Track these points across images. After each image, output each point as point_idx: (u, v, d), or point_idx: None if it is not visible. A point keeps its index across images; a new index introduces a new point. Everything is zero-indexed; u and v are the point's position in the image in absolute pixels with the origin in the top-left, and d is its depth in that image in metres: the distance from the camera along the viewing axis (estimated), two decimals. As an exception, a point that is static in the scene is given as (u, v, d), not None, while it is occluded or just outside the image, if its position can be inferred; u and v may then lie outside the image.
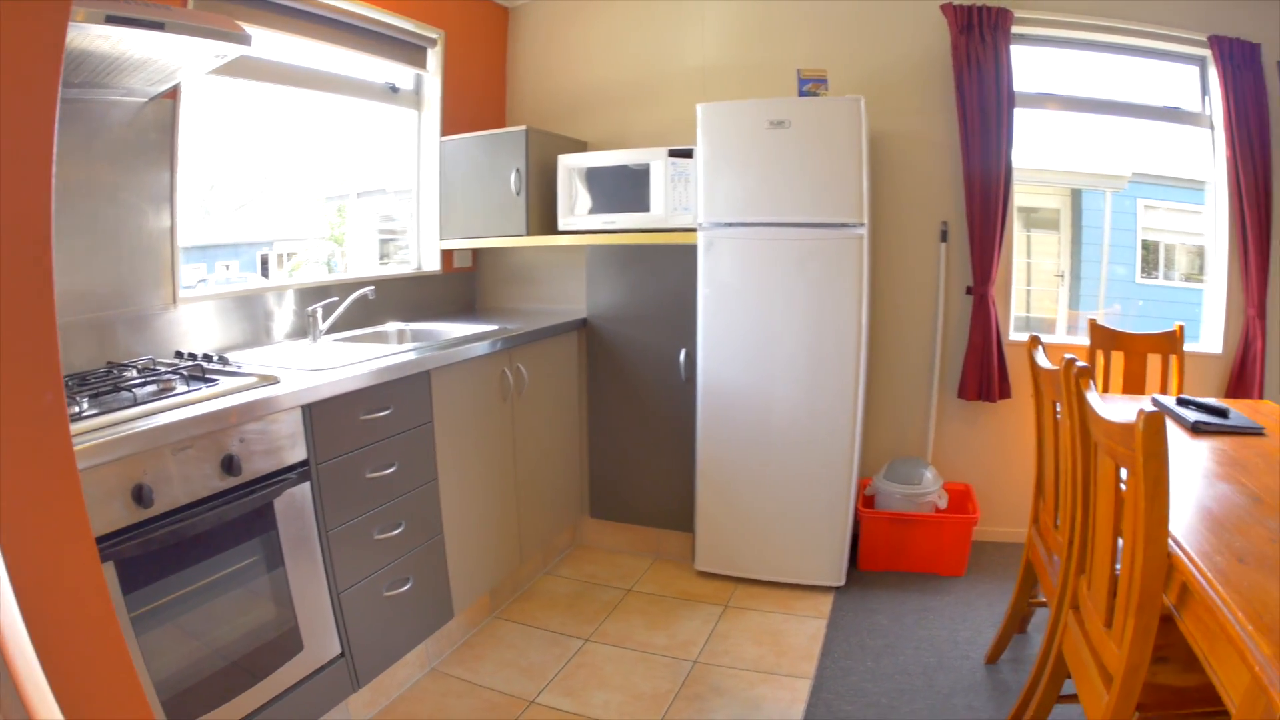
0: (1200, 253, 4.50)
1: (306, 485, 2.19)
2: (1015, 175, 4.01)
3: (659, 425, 3.74)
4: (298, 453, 2.17)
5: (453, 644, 2.99)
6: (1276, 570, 1.62)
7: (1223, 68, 4.05)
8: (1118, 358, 3.75)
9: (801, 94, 3.62)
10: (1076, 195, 4.40)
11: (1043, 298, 4.47)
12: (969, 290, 4.09)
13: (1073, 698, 2.41)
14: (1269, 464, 2.45)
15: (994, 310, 4.00)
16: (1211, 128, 4.31)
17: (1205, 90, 4.32)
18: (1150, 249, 4.61)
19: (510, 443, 3.28)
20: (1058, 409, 2.57)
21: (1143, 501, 1.66)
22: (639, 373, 3.73)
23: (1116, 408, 1.91)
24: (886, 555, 3.78)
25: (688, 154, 3.57)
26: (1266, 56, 4.09)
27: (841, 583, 3.52)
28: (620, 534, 3.90)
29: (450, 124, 4.03)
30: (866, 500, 3.86)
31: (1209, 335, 4.42)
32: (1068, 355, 2.24)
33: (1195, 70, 4.33)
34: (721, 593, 3.48)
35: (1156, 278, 4.75)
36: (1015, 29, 3.91)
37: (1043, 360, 2.70)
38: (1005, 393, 4.10)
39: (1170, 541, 1.71)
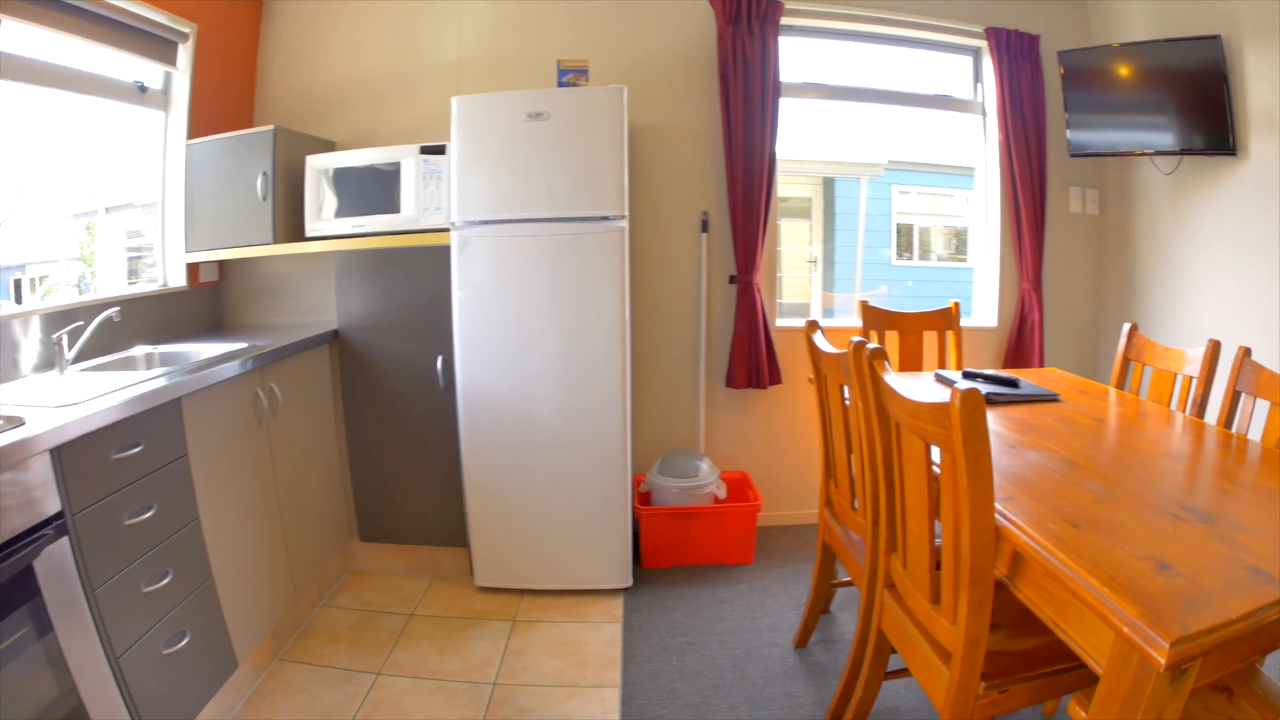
0: (958, 233, 4.75)
1: (65, 540, 2.01)
2: (778, 165, 4.26)
3: (422, 438, 3.74)
4: (52, 504, 1.98)
5: (243, 695, 2.86)
6: (1112, 530, 1.79)
7: (998, 57, 4.53)
8: (892, 337, 4.05)
9: (561, 85, 3.82)
10: (829, 183, 4.62)
11: (796, 284, 4.60)
12: (732, 279, 4.32)
13: (897, 673, 2.61)
14: (1072, 428, 2.78)
15: (759, 298, 4.25)
16: (983, 115, 4.82)
17: (978, 78, 4.83)
18: (904, 232, 4.86)
19: (269, 469, 3.21)
20: (845, 392, 2.65)
21: (965, 478, 1.74)
22: (396, 384, 3.72)
23: (909, 386, 2.03)
24: (670, 551, 3.96)
25: (440, 150, 3.58)
26: (1045, 47, 4.61)
27: (629, 584, 3.63)
28: (393, 555, 3.88)
29: (199, 126, 3.92)
30: (642, 497, 4.04)
31: (983, 310, 4.94)
32: (855, 339, 2.36)
33: (969, 60, 4.83)
34: (507, 607, 3.50)
35: (911, 259, 4.98)
36: (785, 20, 4.14)
37: (824, 344, 2.78)
38: (775, 378, 4.37)
39: (996, 514, 1.83)
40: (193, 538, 2.61)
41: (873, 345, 2.20)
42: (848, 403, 2.66)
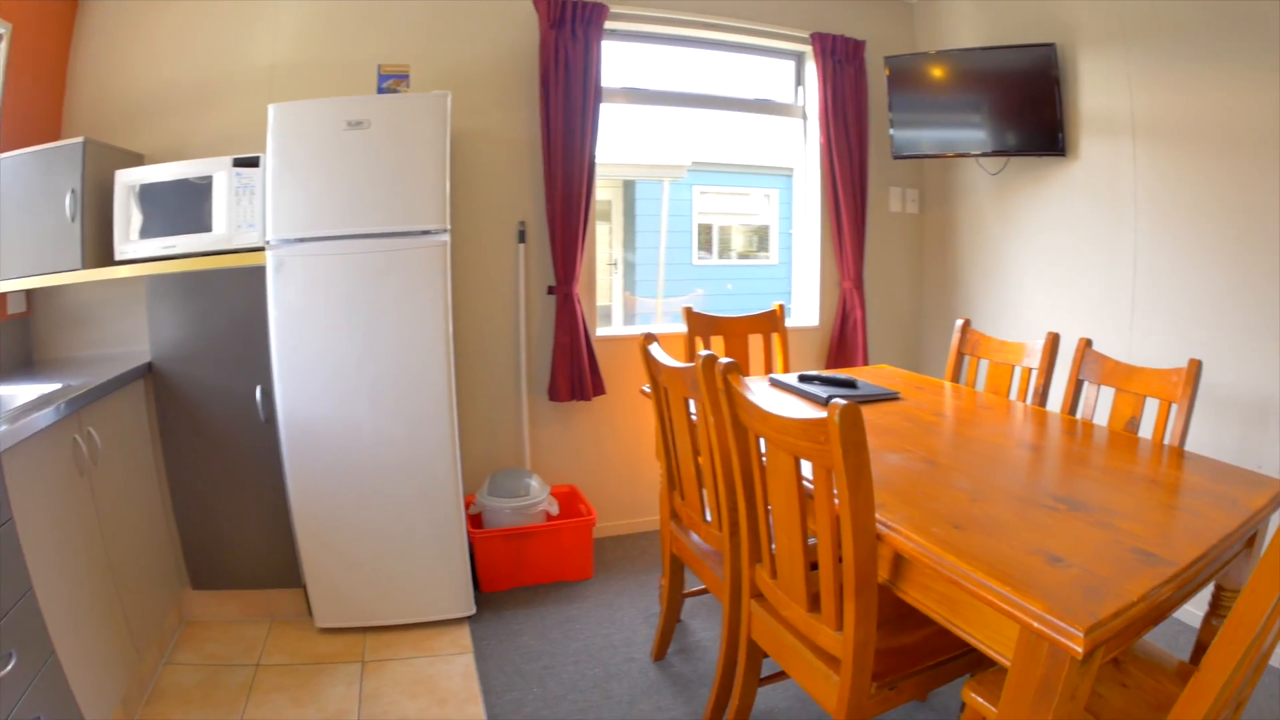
0: (758, 231, 4.94)
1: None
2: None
3: (246, 475, 3.62)
4: None
5: (105, 777, 2.66)
6: (993, 528, 1.96)
7: (823, 62, 4.87)
8: (717, 342, 4.25)
9: (381, 91, 3.82)
10: (629, 186, 4.69)
11: (599, 287, 4.69)
12: (551, 290, 4.45)
13: (771, 678, 2.73)
14: (921, 426, 3.06)
15: (579, 308, 4.40)
16: (804, 118, 5.18)
17: (800, 82, 5.20)
18: (704, 232, 5.02)
19: (96, 523, 3.01)
20: (691, 405, 2.77)
21: (846, 491, 1.84)
22: (216, 418, 3.58)
23: (766, 397, 2.19)
24: (508, 573, 4.08)
25: (254, 163, 3.47)
26: (871, 52, 5.01)
27: (473, 611, 3.69)
28: (229, 602, 3.75)
29: (9, 139, 3.58)
30: (474, 520, 4.12)
31: (804, 310, 5.30)
32: (703, 353, 2.45)
33: (791, 64, 5.18)
34: (353, 648, 3.45)
35: (711, 258, 5.13)
36: (609, 24, 4.29)
37: (664, 357, 2.85)
38: (599, 389, 4.55)
39: (880, 524, 1.96)
40: (29, 611, 2.45)
41: (725, 360, 2.30)
42: (694, 417, 2.76)
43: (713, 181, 5.44)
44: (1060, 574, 1.66)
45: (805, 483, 2.10)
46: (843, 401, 1.77)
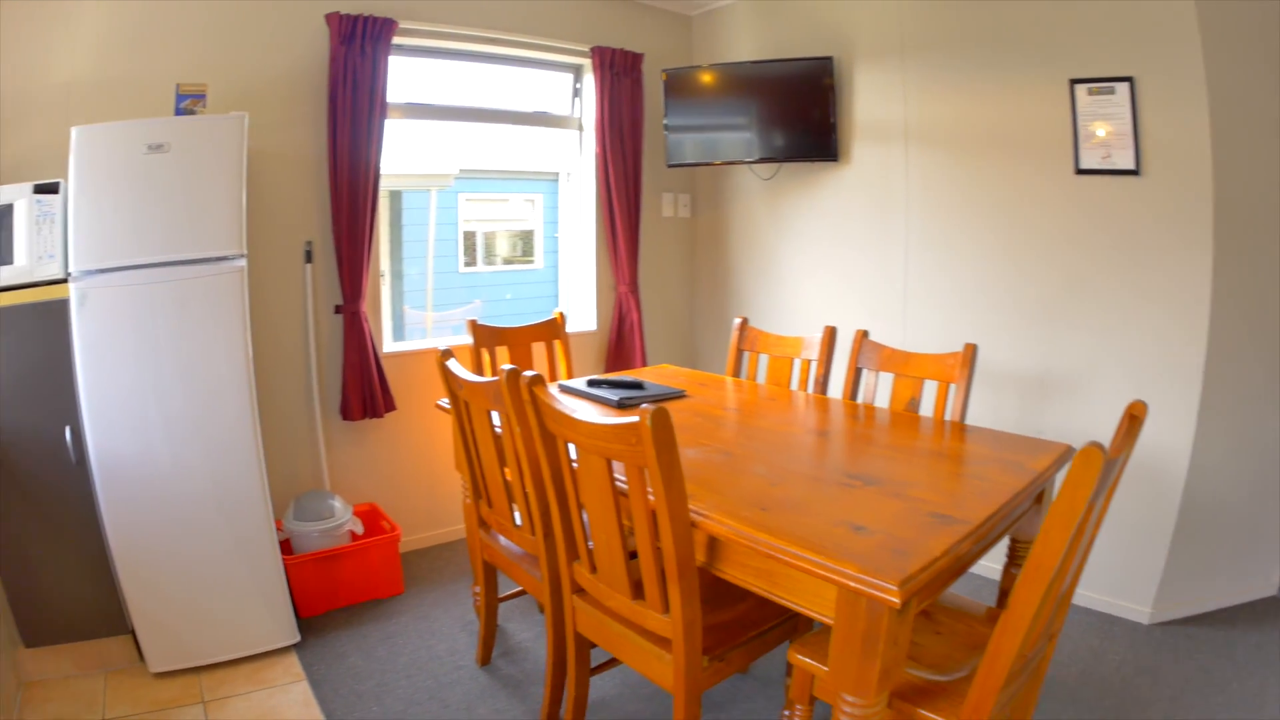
0: (524, 237, 5.18)
1: None
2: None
3: (64, 521, 3.55)
4: None
5: None
6: (797, 507, 2.28)
7: (601, 75, 5.34)
8: (502, 352, 4.57)
9: (179, 112, 3.93)
10: (396, 196, 4.90)
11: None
12: (338, 309, 4.64)
13: (601, 668, 3.03)
14: (712, 420, 3.31)
15: (367, 326, 4.64)
16: (580, 129, 5.63)
17: (578, 94, 5.66)
18: (469, 239, 5.23)
19: None
20: (495, 417, 2.97)
21: (661, 487, 2.10)
22: (26, 464, 3.47)
23: (567, 405, 2.41)
24: (324, 596, 4.28)
25: (54, 189, 3.40)
26: (649, 65, 5.53)
27: (297, 638, 3.82)
28: (62, 657, 3.67)
29: None
30: (284, 546, 4.21)
31: (581, 314, 5.74)
32: (506, 366, 2.65)
33: (569, 77, 5.60)
34: (190, 690, 3.47)
35: (475, 266, 5.33)
36: (397, 39, 4.50)
37: (463, 372, 3.04)
38: (390, 406, 4.82)
39: (694, 513, 2.23)
40: None
41: (530, 373, 2.51)
42: (498, 429, 2.98)
43: (479, 188, 5.66)
44: (866, 540, 2.01)
45: (618, 481, 2.36)
46: (651, 406, 2.04)
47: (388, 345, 4.89)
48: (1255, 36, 3.95)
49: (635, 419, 2.07)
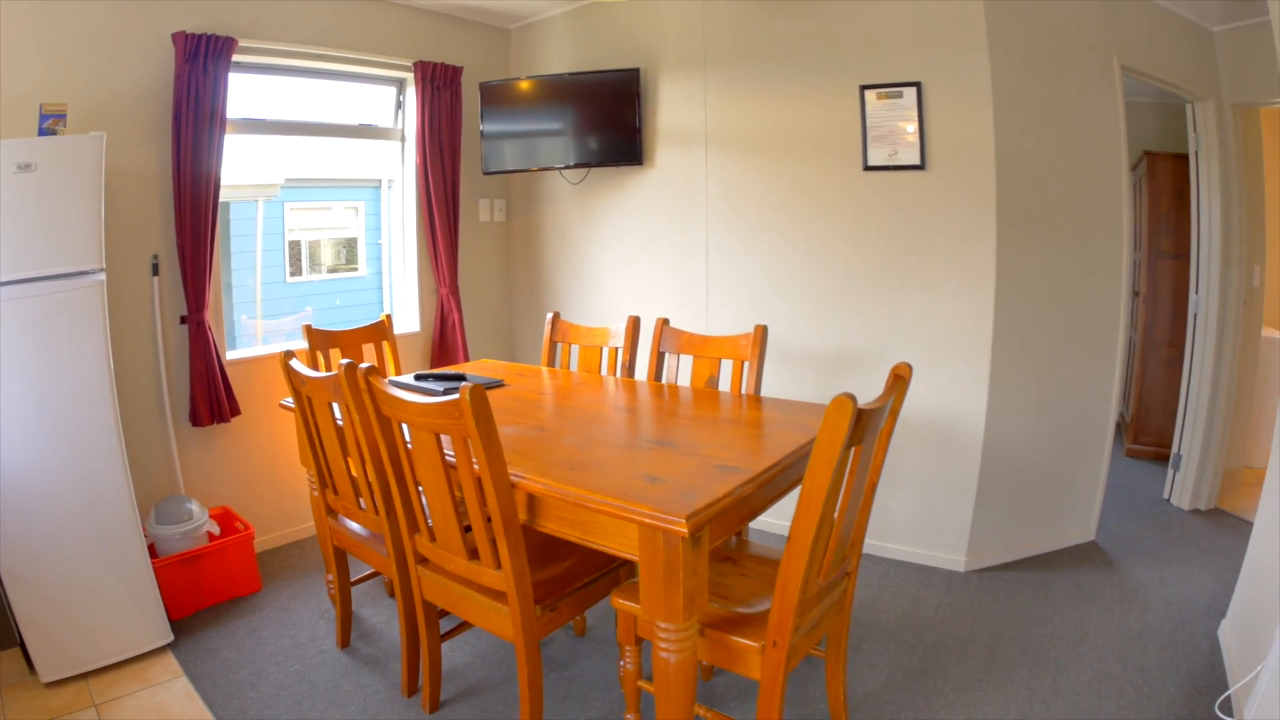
0: (348, 244, 5.47)
1: None
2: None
3: None
4: None
5: None
6: (601, 467, 2.70)
7: (423, 88, 5.73)
8: (335, 354, 4.93)
9: (42, 132, 4.06)
10: (225, 208, 5.18)
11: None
12: (183, 319, 4.86)
13: (451, 634, 3.38)
14: (528, 404, 3.72)
15: (210, 335, 4.89)
16: (403, 140, 6.00)
17: (401, 106, 6.06)
18: (295, 248, 5.46)
19: None
20: (336, 409, 3.26)
21: (483, 453, 2.44)
22: None
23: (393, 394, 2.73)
24: (190, 597, 4.39)
25: None
26: (468, 77, 5.97)
27: (171, 638, 4.00)
28: None
29: None
30: (149, 550, 4.18)
31: (405, 317, 6.15)
32: (343, 361, 2.94)
33: (393, 90, 5.96)
34: (81, 695, 3.62)
35: (302, 276, 5.54)
36: (236, 57, 4.70)
37: (305, 369, 3.31)
38: (235, 410, 5.08)
39: (514, 475, 2.57)
40: None
41: (365, 365, 2.85)
42: (340, 420, 3.27)
43: (304, 197, 5.81)
44: (660, 488, 2.40)
45: (447, 455, 2.67)
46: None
47: (231, 354, 5.14)
48: (1036, 37, 4.56)
49: (457, 397, 2.41)
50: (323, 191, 6.06)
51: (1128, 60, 4.94)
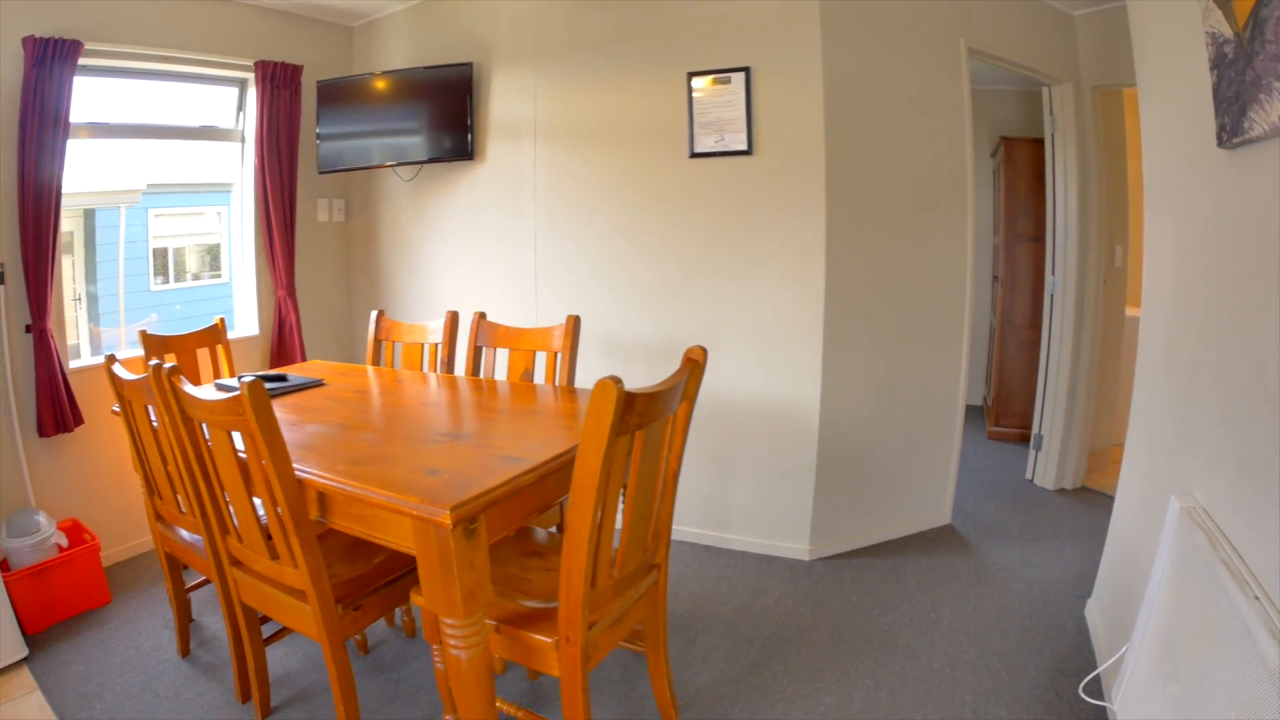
0: (212, 250, 5.56)
1: None
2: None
3: None
4: None
5: None
6: (387, 461, 2.74)
7: (263, 88, 5.78)
8: (171, 359, 4.73)
9: None
10: (90, 215, 5.21)
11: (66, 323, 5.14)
12: (28, 328, 4.84)
13: (274, 638, 3.44)
14: (340, 402, 3.75)
15: (53, 343, 4.85)
16: (243, 141, 6.05)
17: (242, 107, 6.08)
18: (160, 255, 5.52)
19: None
20: (151, 413, 3.29)
21: (265, 448, 2.49)
22: None
23: (201, 395, 2.73)
24: (44, 611, 4.38)
25: None
26: (309, 76, 6.07)
27: (26, 652, 4.03)
28: None
29: None
30: (2, 565, 4.40)
31: (245, 320, 6.23)
32: (153, 363, 2.95)
33: (236, 91, 5.99)
34: None
35: (168, 282, 5.57)
36: (83, 60, 4.67)
37: (125, 373, 3.32)
38: (79, 420, 5.07)
39: (296, 470, 2.61)
40: None
41: (168, 364, 2.87)
42: (155, 422, 3.30)
43: (167, 203, 5.79)
44: (436, 480, 2.41)
45: (241, 454, 2.73)
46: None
47: (85, 360, 5.14)
48: (875, 19, 4.65)
49: (238, 393, 2.46)
50: (185, 197, 6.05)
51: (976, 43, 5.05)
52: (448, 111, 5.56)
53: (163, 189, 5.86)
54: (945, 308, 5.06)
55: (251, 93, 5.80)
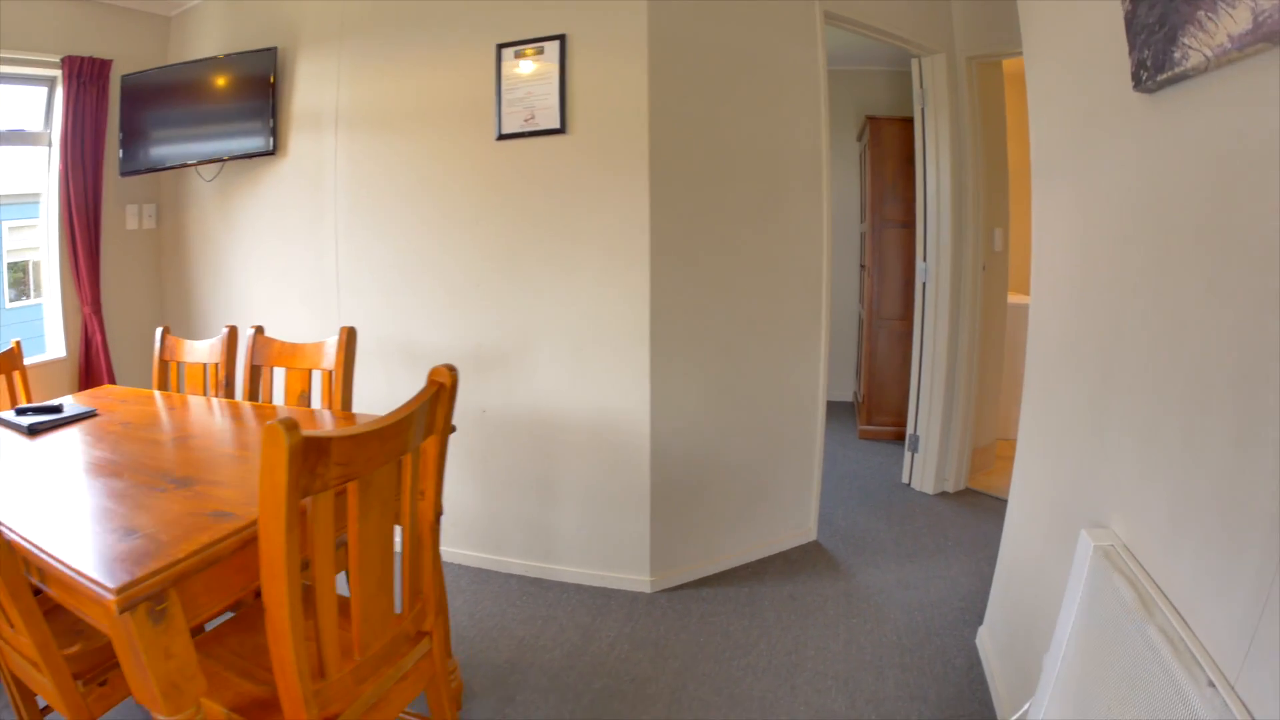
0: (22, 268, 5.29)
1: None
2: None
3: None
4: None
5: None
6: (97, 516, 2.42)
7: (70, 86, 5.32)
8: None
9: None
10: None
11: None
12: None
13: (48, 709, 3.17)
14: (97, 438, 3.34)
15: None
16: (50, 145, 5.58)
17: (50, 109, 5.58)
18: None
19: None
20: None
21: None
22: None
23: None
24: None
25: None
26: (121, 71, 5.61)
27: None
28: None
29: None
30: None
31: (54, 342, 5.74)
32: None
33: (45, 91, 5.53)
34: None
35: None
36: None
37: None
38: None
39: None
40: None
41: None
42: None
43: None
44: (128, 546, 2.07)
45: None
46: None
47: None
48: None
49: None
50: (17, 209, 5.78)
51: (834, 6, 4.78)
52: (249, 103, 5.24)
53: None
54: (801, 301, 4.82)
55: (60, 91, 5.42)
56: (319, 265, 5.31)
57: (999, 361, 6.19)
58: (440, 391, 2.45)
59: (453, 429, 2.65)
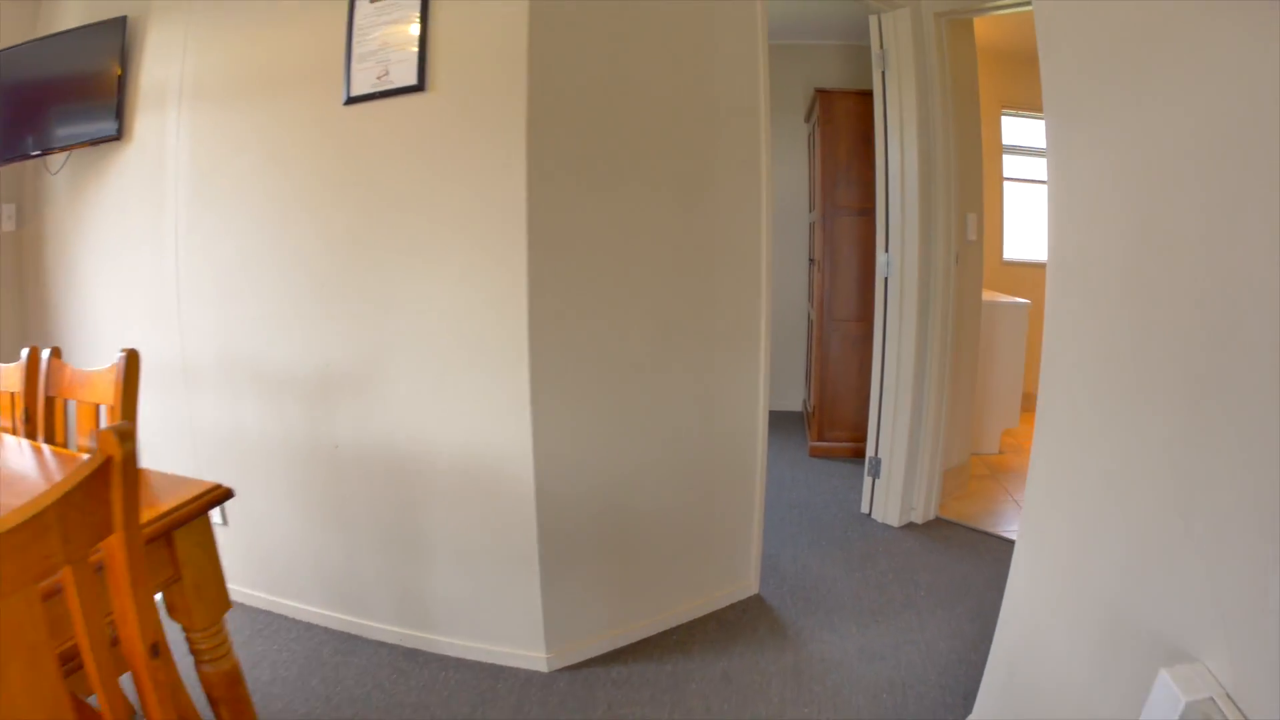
0: None
1: None
2: None
3: None
4: None
5: None
6: None
7: None
8: None
9: None
10: None
11: None
12: None
13: None
14: None
15: None
16: None
17: None
18: None
19: None
20: None
21: None
22: None
23: None
24: None
25: None
26: None
27: None
28: None
29: None
30: None
31: None
32: None
33: None
34: None
35: None
36: None
37: None
38: None
39: None
40: None
41: None
42: None
43: None
44: None
45: None
46: None
47: None
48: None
49: None
50: None
51: None
52: (94, 80, 4.37)
53: None
54: (735, 303, 3.96)
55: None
56: (159, 268, 4.35)
57: (972, 367, 5.39)
58: (109, 467, 1.55)
59: (202, 515, 2.16)
